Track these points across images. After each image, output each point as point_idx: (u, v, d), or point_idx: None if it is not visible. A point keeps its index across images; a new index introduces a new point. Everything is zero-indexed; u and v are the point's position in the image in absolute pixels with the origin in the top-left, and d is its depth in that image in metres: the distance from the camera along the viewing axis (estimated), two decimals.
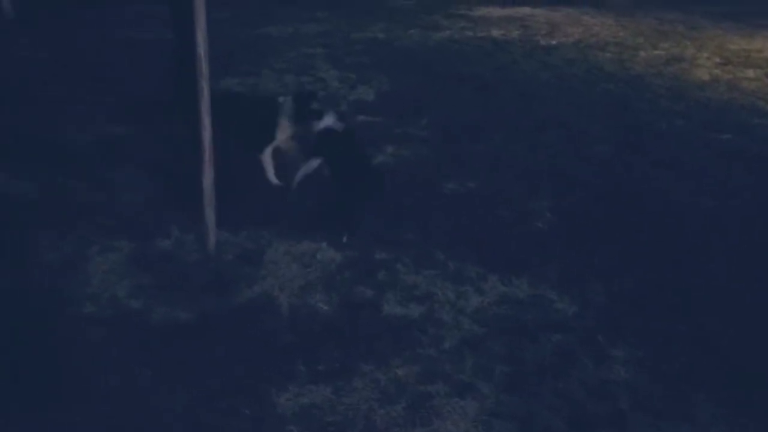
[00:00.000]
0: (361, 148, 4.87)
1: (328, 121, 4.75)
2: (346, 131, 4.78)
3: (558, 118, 7.04)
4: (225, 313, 3.70)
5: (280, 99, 4.98)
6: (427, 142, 6.23)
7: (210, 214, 4.14)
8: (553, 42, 10.46)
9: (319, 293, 3.92)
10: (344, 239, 4.36)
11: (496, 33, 10.95)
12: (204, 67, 3.84)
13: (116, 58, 8.34)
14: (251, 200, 4.86)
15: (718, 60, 9.49)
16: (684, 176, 5.78)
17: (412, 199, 5.13)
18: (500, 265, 4.29)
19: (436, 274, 4.17)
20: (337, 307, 3.80)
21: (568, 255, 4.45)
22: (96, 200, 4.78)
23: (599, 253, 4.48)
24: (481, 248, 4.49)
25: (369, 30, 10.59)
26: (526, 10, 12.79)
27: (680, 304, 3.99)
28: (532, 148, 6.26)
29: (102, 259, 4.13)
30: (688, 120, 7.14)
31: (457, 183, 5.47)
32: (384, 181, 4.76)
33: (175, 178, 5.03)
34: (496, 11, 12.71)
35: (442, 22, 11.55)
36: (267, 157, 4.98)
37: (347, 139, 4.72)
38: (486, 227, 4.78)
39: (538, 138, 6.50)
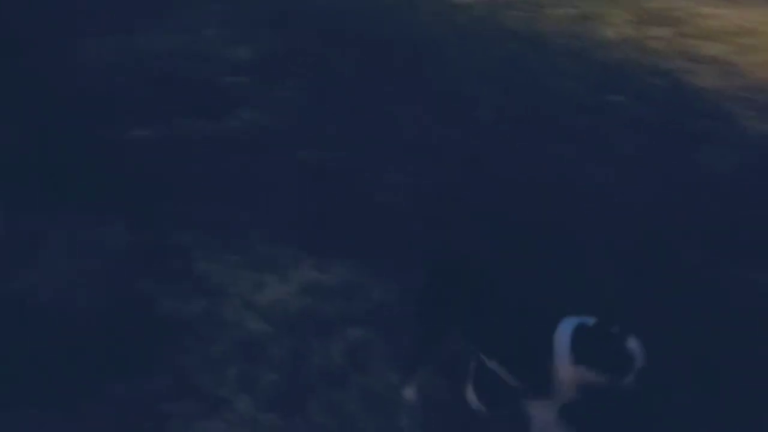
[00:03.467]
0: None
1: None
2: None
3: (449, 82, 6.53)
4: None
5: None
6: (297, 107, 5.64)
7: None
8: (465, 0, 9.87)
9: (89, 288, 3.30)
10: None
11: None
12: None
13: None
14: (42, 175, 4.20)
15: (629, 18, 8.97)
16: (570, 141, 5.32)
17: (251, 170, 4.53)
18: (323, 249, 3.73)
19: (237, 260, 3.58)
20: (102, 307, 3.19)
21: (413, 237, 3.89)
22: None
23: (453, 234, 3.92)
24: (309, 228, 3.92)
25: None
26: None
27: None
28: (411, 116, 5.71)
29: None
30: (584, 81, 6.65)
31: (312, 154, 4.90)
32: None
33: None
34: None
35: None
36: None
37: None
38: (325, 204, 4.21)
39: (421, 105, 5.95)
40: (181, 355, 2.94)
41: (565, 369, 2.34)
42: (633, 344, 2.27)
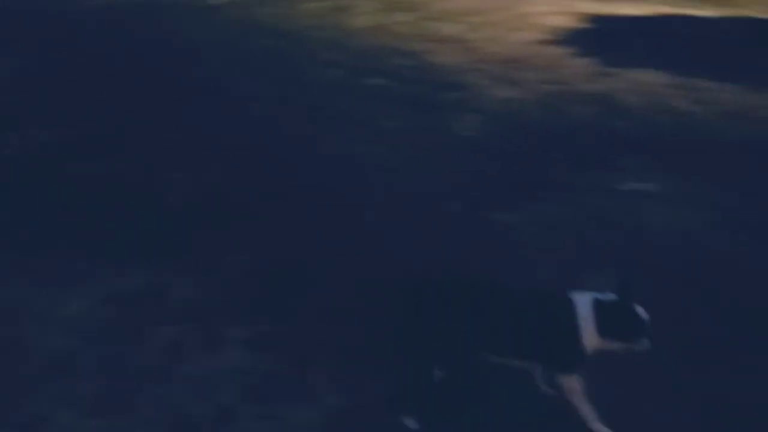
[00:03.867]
0: None
1: None
2: None
3: (211, 81, 6.58)
4: None
5: None
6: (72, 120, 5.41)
7: None
8: (217, 1, 9.89)
9: None
10: None
11: None
12: None
13: None
14: None
15: (378, 6, 9.58)
16: (336, 125, 5.63)
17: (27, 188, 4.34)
18: (119, 255, 3.70)
19: (29, 280, 3.46)
20: None
21: (202, 235, 3.98)
22: None
23: (236, 231, 4.05)
24: (91, 238, 3.87)
25: None
26: None
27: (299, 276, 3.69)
28: (178, 116, 5.73)
29: None
30: (344, 68, 7.05)
31: (83, 166, 4.78)
32: None
33: None
34: None
35: None
36: None
37: None
38: (115, 211, 4.16)
39: (185, 105, 5.97)
40: None
41: (590, 339, 2.51)
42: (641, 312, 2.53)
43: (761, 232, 4.09)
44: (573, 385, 2.61)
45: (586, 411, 2.61)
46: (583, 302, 2.58)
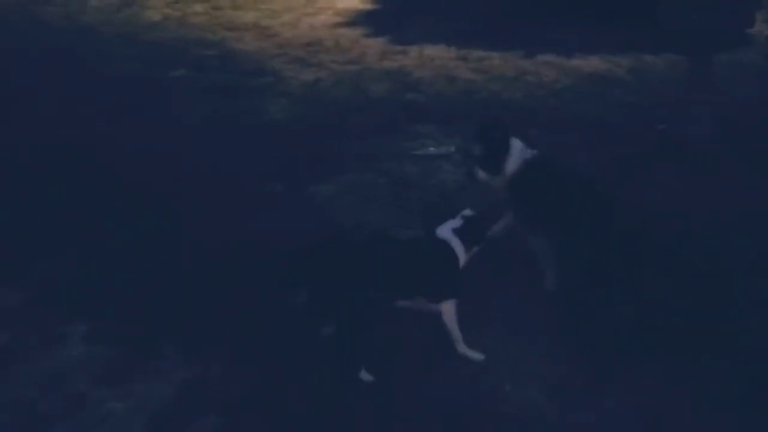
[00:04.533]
0: None
1: None
2: None
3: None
4: None
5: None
6: None
7: None
8: None
9: None
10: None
11: None
12: None
13: None
14: None
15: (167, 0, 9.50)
16: (142, 120, 5.66)
17: None
18: None
19: None
20: None
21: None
22: None
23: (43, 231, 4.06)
24: None
25: None
26: None
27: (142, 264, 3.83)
28: None
29: None
30: (143, 62, 7.01)
31: None
32: None
33: None
34: None
35: None
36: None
37: None
38: None
39: None
40: None
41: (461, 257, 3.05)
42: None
43: None
44: (449, 308, 3.04)
45: (456, 334, 3.08)
46: (445, 232, 3.10)
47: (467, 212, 3.20)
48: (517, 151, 3.39)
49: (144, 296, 3.51)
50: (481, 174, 3.47)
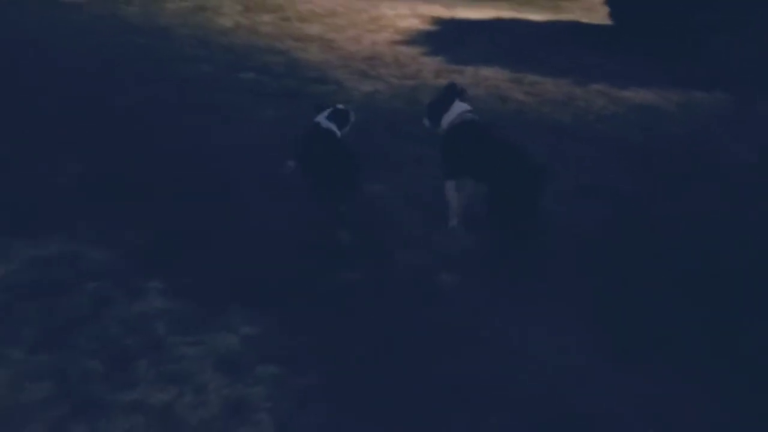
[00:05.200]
0: None
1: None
2: None
3: (85, 71, 6.79)
4: None
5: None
6: None
7: None
8: None
9: None
10: None
11: None
12: None
13: None
14: None
15: (239, 7, 10.06)
16: (216, 116, 6.08)
17: None
18: (24, 229, 4.04)
19: None
20: None
21: (99, 209, 4.38)
22: None
23: (128, 200, 4.49)
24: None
25: None
26: None
27: (214, 234, 4.23)
28: (49, 101, 5.95)
29: None
30: (215, 63, 7.49)
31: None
32: None
33: None
34: None
35: None
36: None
37: None
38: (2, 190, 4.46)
39: (59, 90, 6.20)
40: None
41: None
42: None
43: (574, 195, 5.06)
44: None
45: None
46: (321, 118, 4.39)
47: (339, 105, 4.56)
48: (457, 112, 4.28)
49: (215, 261, 3.92)
50: (426, 122, 4.46)
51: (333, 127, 4.37)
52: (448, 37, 9.13)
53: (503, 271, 4.02)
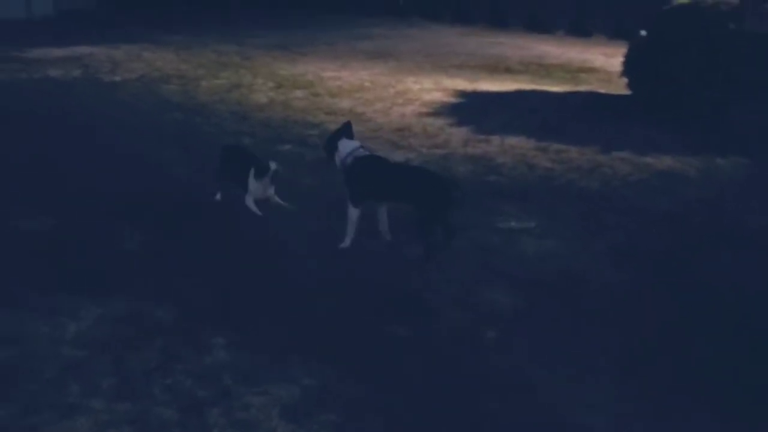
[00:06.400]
0: None
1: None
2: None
3: (131, 149, 7.20)
4: None
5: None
6: None
7: None
8: (117, 78, 10.53)
9: None
10: None
11: (55, 73, 10.61)
12: None
13: None
14: None
15: (271, 84, 10.58)
16: None
17: None
18: (94, 290, 4.32)
19: (22, 313, 4.03)
20: None
21: (160, 270, 4.67)
22: None
23: (186, 263, 4.77)
24: (69, 278, 4.46)
25: None
26: (84, 50, 12.56)
27: (269, 290, 4.49)
28: (107, 178, 6.33)
29: None
30: (254, 136, 7.90)
31: (32, 221, 5.31)
32: None
33: None
34: (52, 52, 12.25)
35: None
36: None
37: None
38: (71, 256, 4.76)
39: (111, 167, 6.58)
40: (13, 387, 3.39)
41: None
42: None
43: (608, 257, 5.28)
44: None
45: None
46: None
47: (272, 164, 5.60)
48: (349, 149, 5.17)
49: (272, 316, 4.16)
50: (325, 155, 5.45)
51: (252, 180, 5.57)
52: (473, 109, 9.54)
53: (542, 329, 4.21)
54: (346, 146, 5.21)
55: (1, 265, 4.58)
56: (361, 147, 5.27)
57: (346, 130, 5.34)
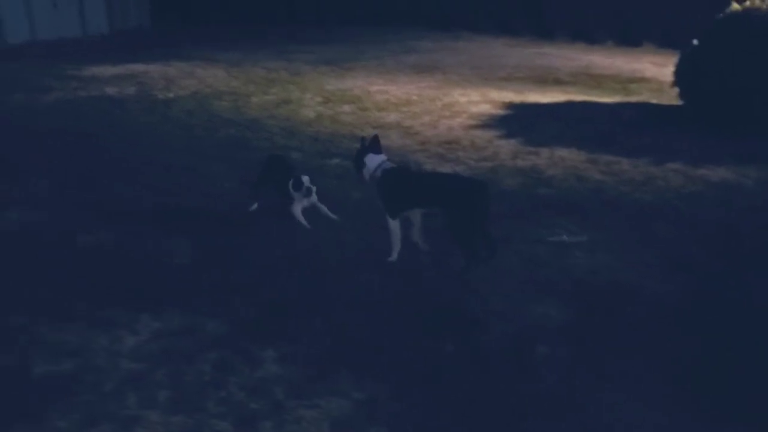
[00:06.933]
0: None
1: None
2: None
3: (183, 163, 7.35)
4: None
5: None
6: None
7: None
8: (171, 95, 10.79)
9: None
10: None
11: (111, 91, 10.92)
12: None
13: None
14: None
15: (319, 99, 10.72)
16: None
17: (36, 256, 5.01)
18: (149, 304, 4.42)
19: (82, 326, 4.15)
20: None
21: (212, 285, 4.76)
22: None
23: (236, 276, 4.86)
24: (125, 292, 4.58)
25: None
26: (139, 67, 12.91)
27: (317, 304, 4.54)
28: (161, 193, 6.47)
29: None
30: (304, 151, 8.00)
31: (90, 236, 5.47)
32: None
33: None
34: (108, 70, 12.62)
35: (53, 84, 11.14)
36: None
37: None
38: (127, 270, 4.88)
39: (164, 182, 6.74)
40: (74, 398, 3.49)
41: None
42: None
43: (660, 270, 5.19)
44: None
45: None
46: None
47: (305, 177, 5.75)
48: (375, 163, 5.23)
49: (321, 330, 4.20)
50: (355, 172, 5.49)
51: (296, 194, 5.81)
52: (521, 121, 9.49)
53: (592, 343, 4.16)
54: (372, 161, 5.26)
55: (61, 280, 4.71)
56: (388, 160, 5.30)
57: (372, 145, 5.35)
